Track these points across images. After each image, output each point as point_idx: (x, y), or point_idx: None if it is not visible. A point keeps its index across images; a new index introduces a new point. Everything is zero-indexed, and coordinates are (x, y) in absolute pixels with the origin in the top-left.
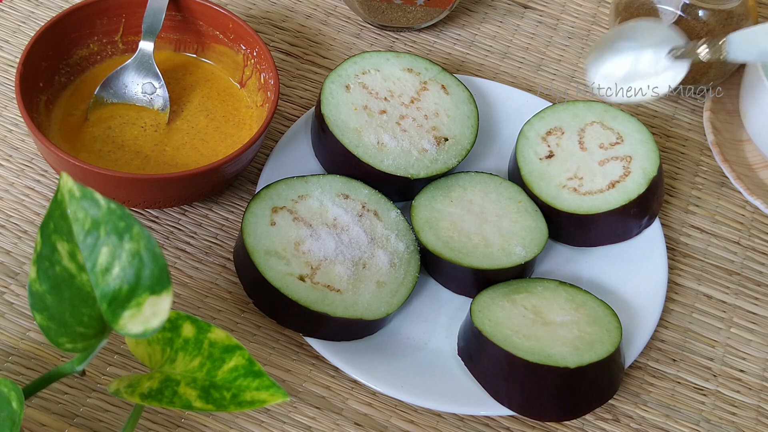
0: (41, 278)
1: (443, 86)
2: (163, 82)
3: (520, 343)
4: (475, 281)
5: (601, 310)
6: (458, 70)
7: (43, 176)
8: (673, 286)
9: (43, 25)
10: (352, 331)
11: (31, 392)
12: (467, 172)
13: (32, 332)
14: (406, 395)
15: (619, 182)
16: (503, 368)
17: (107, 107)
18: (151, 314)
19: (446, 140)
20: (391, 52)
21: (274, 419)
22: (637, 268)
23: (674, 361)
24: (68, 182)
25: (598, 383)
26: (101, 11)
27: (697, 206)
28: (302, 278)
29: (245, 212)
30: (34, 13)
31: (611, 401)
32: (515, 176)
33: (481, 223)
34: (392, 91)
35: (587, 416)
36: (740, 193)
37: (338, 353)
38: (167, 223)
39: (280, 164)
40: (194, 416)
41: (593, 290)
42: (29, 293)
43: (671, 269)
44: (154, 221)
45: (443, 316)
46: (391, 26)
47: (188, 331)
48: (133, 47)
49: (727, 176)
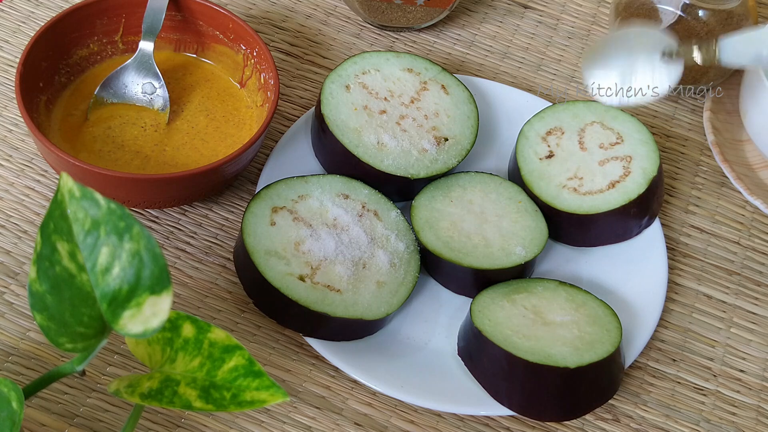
0: (41, 278)
1: (443, 86)
2: (163, 82)
3: (520, 343)
4: (475, 281)
5: (601, 310)
6: (458, 70)
7: (43, 176)
8: (673, 286)
9: (43, 25)
10: (352, 331)
11: (31, 392)
12: (467, 172)
13: (32, 332)
14: (406, 395)
15: (619, 182)
16: (503, 368)
17: (107, 107)
18: (151, 314)
19: (446, 140)
20: (391, 52)
21: (274, 419)
22: (637, 268)
23: (674, 361)
24: (68, 182)
25: (598, 383)
26: (101, 11)
27: (697, 206)
28: (302, 278)
29: (245, 212)
30: (34, 13)
31: (611, 401)
32: (515, 176)
33: (481, 223)
34: (392, 91)
35: (587, 416)
36: (740, 193)
37: (338, 353)
38: (167, 223)
39: (280, 164)
40: (194, 416)
41: (593, 290)
42: (29, 293)
43: (671, 269)
44: (154, 221)
45: (443, 316)
46: (391, 26)
47: (188, 331)
48: (133, 47)
49: (727, 176)
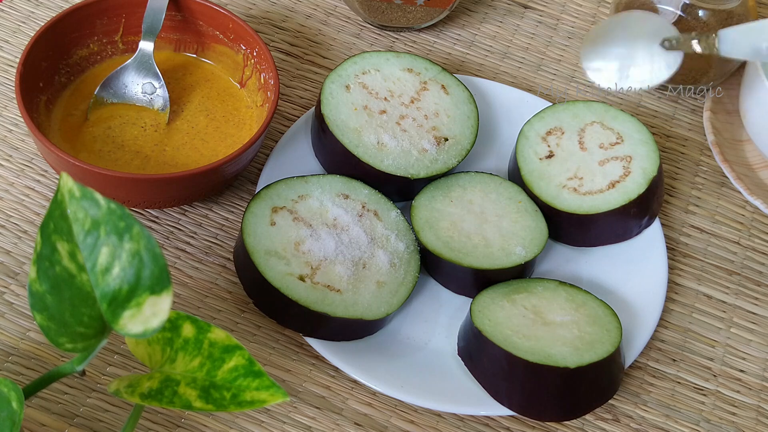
0: (41, 278)
1: (443, 86)
2: (163, 82)
3: (520, 343)
4: (475, 281)
5: (601, 310)
6: (458, 70)
7: (43, 176)
8: (673, 286)
9: (43, 25)
10: (352, 331)
11: (31, 392)
12: (467, 172)
13: (32, 332)
14: (406, 395)
15: (619, 182)
16: (503, 368)
17: (107, 107)
18: (151, 314)
19: (446, 140)
20: (391, 52)
21: (274, 419)
22: (637, 268)
23: (674, 361)
24: (68, 182)
25: (598, 383)
26: (101, 11)
27: (697, 206)
28: (302, 278)
29: (245, 212)
30: (34, 13)
31: (611, 401)
32: (515, 176)
33: (481, 223)
34: (392, 91)
35: (587, 416)
36: (740, 193)
37: (338, 353)
38: (167, 223)
39: (280, 164)
40: (194, 416)
41: (593, 290)
42: (29, 293)
43: (671, 269)
44: (154, 221)
45: (443, 316)
46: (391, 26)
47: (188, 331)
48: (133, 47)
49: (727, 176)
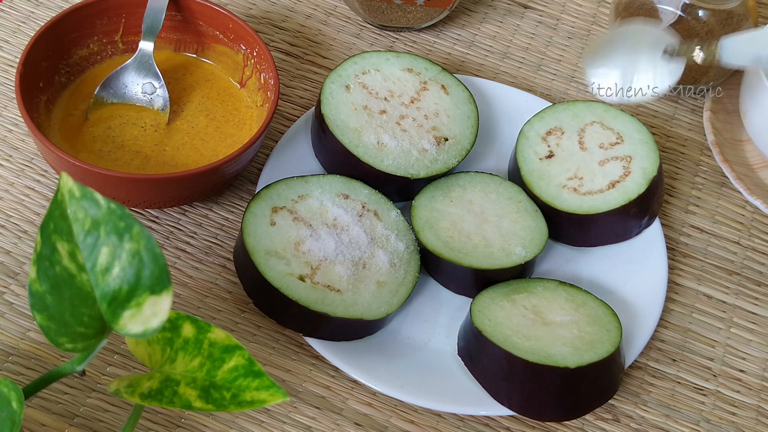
0: (41, 278)
1: (443, 86)
2: (163, 82)
3: (520, 343)
4: (475, 281)
5: (601, 310)
6: (458, 70)
7: (43, 176)
8: (673, 286)
9: (43, 25)
10: (352, 331)
11: (31, 392)
12: (467, 172)
13: (32, 332)
14: (406, 395)
15: (619, 182)
16: (503, 368)
17: (107, 107)
18: (151, 314)
19: (446, 140)
20: (391, 52)
21: (274, 419)
22: (637, 268)
23: (674, 361)
24: (68, 182)
25: (598, 383)
26: (101, 11)
27: (697, 206)
28: (302, 278)
29: (245, 212)
30: (34, 13)
31: (611, 401)
32: (515, 176)
33: (481, 223)
34: (392, 91)
35: (587, 416)
36: (740, 193)
37: (338, 353)
38: (167, 223)
39: (280, 164)
40: (194, 416)
41: (593, 290)
42: (29, 293)
43: (671, 269)
44: (154, 221)
45: (443, 316)
46: (391, 26)
47: (188, 331)
48: (133, 47)
49: (727, 176)
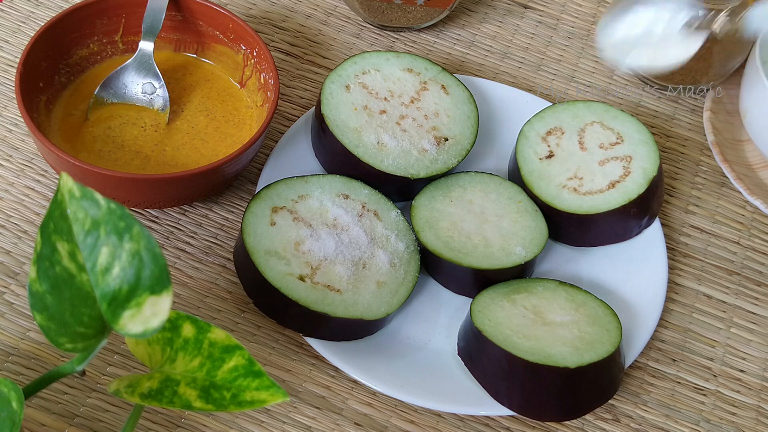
0: (41, 278)
1: (443, 86)
2: (163, 82)
3: (520, 343)
4: (475, 281)
5: (601, 310)
6: (458, 70)
7: (43, 176)
8: (673, 286)
9: (43, 25)
10: (352, 331)
11: (31, 392)
12: (467, 172)
13: (32, 332)
14: (406, 395)
15: (619, 182)
16: (503, 368)
17: (107, 107)
18: (151, 314)
19: (446, 140)
20: (391, 52)
21: (274, 419)
22: (637, 268)
23: (674, 361)
24: (68, 182)
25: (598, 383)
26: (101, 11)
27: (697, 206)
28: (302, 278)
29: (245, 212)
30: (34, 13)
31: (611, 401)
32: (515, 176)
33: (481, 223)
34: (392, 91)
35: (587, 416)
36: (740, 193)
37: (338, 353)
38: (167, 223)
39: (280, 164)
40: (194, 416)
41: (593, 290)
42: (29, 293)
43: (671, 269)
44: (154, 221)
45: (443, 316)
46: (391, 26)
47: (188, 331)
48: (133, 47)
49: (727, 176)
